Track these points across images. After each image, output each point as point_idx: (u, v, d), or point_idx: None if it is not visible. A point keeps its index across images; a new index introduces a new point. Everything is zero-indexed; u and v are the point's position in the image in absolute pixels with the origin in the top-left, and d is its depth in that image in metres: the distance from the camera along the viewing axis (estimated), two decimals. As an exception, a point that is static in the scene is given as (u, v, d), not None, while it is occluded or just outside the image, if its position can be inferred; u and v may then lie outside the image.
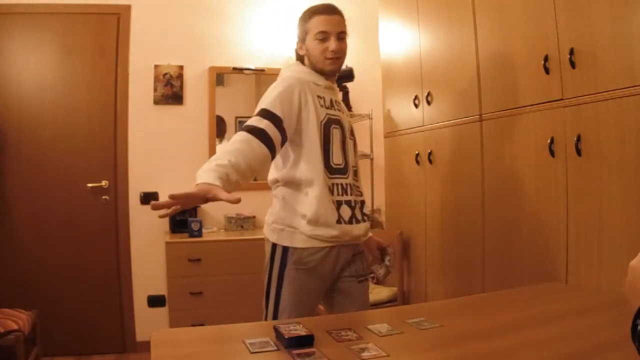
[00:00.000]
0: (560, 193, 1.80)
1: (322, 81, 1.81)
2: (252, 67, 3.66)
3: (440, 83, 2.58)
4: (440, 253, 2.63)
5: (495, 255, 2.18)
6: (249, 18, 3.73)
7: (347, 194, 1.78)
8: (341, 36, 1.79)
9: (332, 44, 1.75)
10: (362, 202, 1.87)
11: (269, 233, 1.79)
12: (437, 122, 2.59)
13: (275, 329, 1.19)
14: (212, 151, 3.65)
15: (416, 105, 2.77)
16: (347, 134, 1.84)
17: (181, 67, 3.60)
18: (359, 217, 1.82)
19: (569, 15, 1.74)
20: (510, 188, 2.08)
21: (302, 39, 1.83)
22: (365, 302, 1.88)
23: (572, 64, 1.71)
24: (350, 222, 1.77)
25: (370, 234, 1.96)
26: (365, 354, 1.07)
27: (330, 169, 1.74)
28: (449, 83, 2.49)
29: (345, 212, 1.77)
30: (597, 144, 1.65)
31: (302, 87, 1.73)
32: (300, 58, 1.89)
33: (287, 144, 1.70)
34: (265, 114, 1.63)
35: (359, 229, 1.81)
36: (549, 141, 1.83)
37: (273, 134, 1.59)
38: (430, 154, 2.65)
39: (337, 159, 1.77)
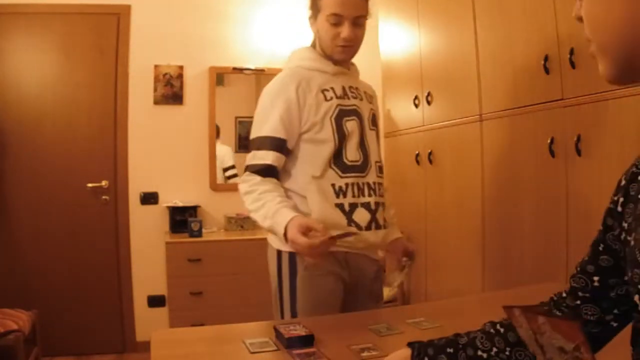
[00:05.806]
0: (560, 193, 1.80)
1: (329, 67, 1.58)
2: (252, 67, 3.66)
3: (440, 83, 2.58)
4: (441, 253, 2.63)
5: (495, 255, 2.18)
6: (249, 18, 3.72)
7: (364, 195, 1.53)
8: (358, 22, 1.52)
9: (345, 30, 1.50)
10: (383, 205, 1.62)
11: (272, 238, 1.61)
12: (437, 122, 2.59)
13: (275, 329, 1.19)
14: (212, 151, 3.65)
15: (416, 105, 2.77)
16: (367, 124, 1.60)
17: (181, 67, 3.60)
18: (381, 222, 1.57)
19: (569, 15, 1.73)
20: (510, 188, 2.08)
21: (314, 15, 1.56)
22: None
23: (572, 64, 1.71)
24: (368, 227, 1.53)
25: (398, 234, 1.73)
26: (365, 354, 1.07)
27: (343, 167, 1.52)
28: (449, 83, 2.49)
29: (362, 216, 1.52)
30: (597, 144, 1.65)
31: (301, 84, 1.53)
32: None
33: None
34: (270, 142, 1.50)
35: (376, 235, 1.56)
36: (549, 141, 1.83)
37: (279, 163, 1.52)
38: (430, 154, 2.65)
39: (352, 155, 1.53)
